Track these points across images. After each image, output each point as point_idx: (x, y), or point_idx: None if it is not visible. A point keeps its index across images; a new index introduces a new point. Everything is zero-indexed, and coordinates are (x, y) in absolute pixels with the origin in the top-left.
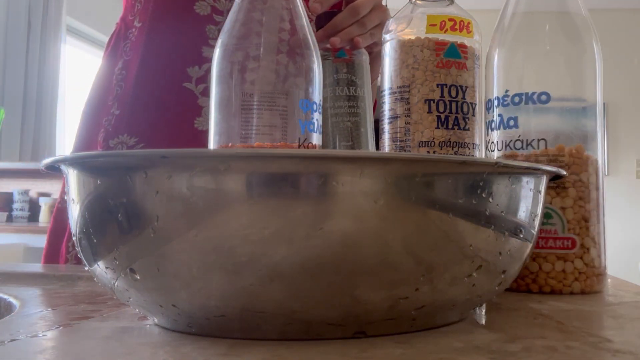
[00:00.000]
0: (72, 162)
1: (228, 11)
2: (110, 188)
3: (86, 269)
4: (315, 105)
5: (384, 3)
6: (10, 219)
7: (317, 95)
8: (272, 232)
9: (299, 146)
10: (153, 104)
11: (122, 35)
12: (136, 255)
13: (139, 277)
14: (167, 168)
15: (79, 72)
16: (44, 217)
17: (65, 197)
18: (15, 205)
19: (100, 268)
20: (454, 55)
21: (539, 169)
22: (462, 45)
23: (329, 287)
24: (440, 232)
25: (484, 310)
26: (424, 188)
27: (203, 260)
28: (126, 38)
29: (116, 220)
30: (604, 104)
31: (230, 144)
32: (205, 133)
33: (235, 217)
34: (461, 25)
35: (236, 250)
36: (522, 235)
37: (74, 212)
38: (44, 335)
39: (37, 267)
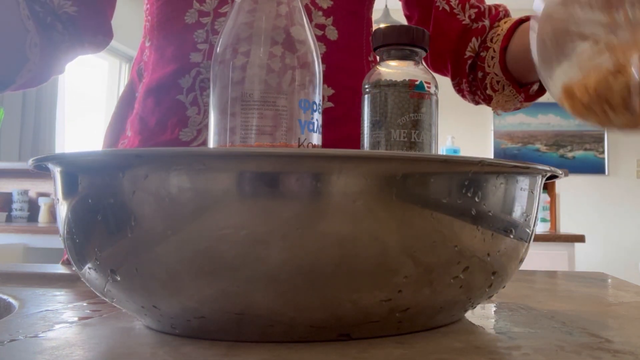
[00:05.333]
0: (58, 161)
1: (214, 10)
2: (90, 188)
3: (73, 269)
4: (315, 105)
5: (383, 3)
6: (9, 219)
7: (317, 95)
8: (249, 233)
9: (299, 146)
10: (152, 123)
11: (138, 59)
12: (115, 256)
13: (119, 278)
14: (143, 168)
15: (78, 72)
16: (43, 217)
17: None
18: (15, 206)
19: (84, 269)
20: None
21: (527, 168)
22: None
23: (310, 288)
24: (423, 233)
25: (483, 311)
26: (405, 187)
27: (180, 261)
28: (141, 61)
29: (96, 220)
30: None
31: (229, 144)
32: (189, 144)
33: (211, 217)
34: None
35: (213, 251)
36: (512, 236)
37: (61, 212)
38: (43, 335)
39: (37, 267)
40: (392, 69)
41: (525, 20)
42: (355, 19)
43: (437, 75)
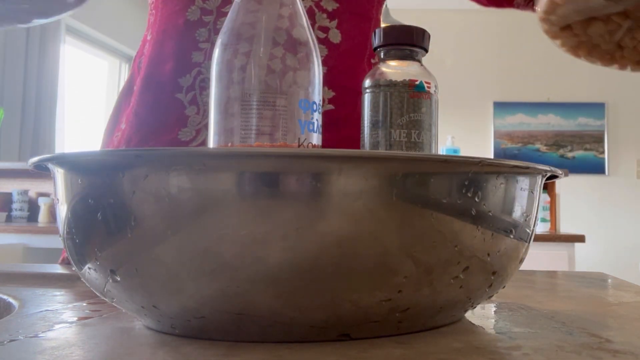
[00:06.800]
0: (57, 161)
1: (217, 9)
2: (90, 188)
3: (73, 269)
4: (315, 105)
5: (384, 4)
6: (9, 219)
7: (317, 95)
8: (249, 233)
9: (299, 146)
10: (149, 119)
11: (140, 52)
12: (115, 257)
13: (119, 278)
14: (143, 168)
15: (78, 72)
16: (43, 217)
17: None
18: (15, 206)
19: (84, 269)
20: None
21: (527, 168)
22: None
23: (310, 288)
24: (423, 233)
25: (483, 311)
26: (405, 187)
27: (180, 261)
28: (142, 54)
29: (96, 220)
30: (604, 104)
31: (229, 144)
32: (188, 144)
33: (211, 217)
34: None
35: (213, 251)
36: (512, 236)
37: (61, 212)
38: (43, 335)
39: (37, 267)
40: (392, 69)
41: None
42: (360, 21)
43: (437, 75)
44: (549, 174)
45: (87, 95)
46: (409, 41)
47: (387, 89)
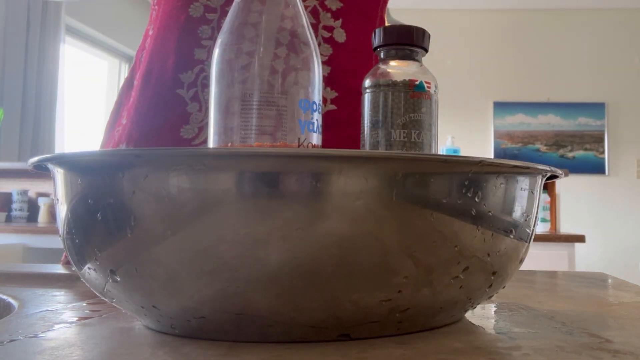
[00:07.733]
0: (57, 161)
1: (221, 7)
2: (90, 188)
3: (73, 269)
4: (315, 105)
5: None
6: (9, 219)
7: (317, 95)
8: (249, 233)
9: (299, 146)
10: (150, 115)
11: (141, 46)
12: (115, 257)
13: (119, 279)
14: (143, 168)
15: (78, 71)
16: (43, 218)
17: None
18: (14, 206)
19: (84, 269)
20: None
21: (527, 168)
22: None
23: (310, 288)
24: (423, 233)
25: (483, 311)
26: (405, 187)
27: (180, 261)
28: (144, 48)
29: (95, 220)
30: (604, 104)
31: (229, 144)
32: (190, 142)
33: (211, 218)
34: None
35: (212, 251)
36: (512, 236)
37: (61, 212)
38: (42, 335)
39: (37, 267)
40: (392, 69)
41: None
42: (366, 20)
43: (437, 75)
44: (549, 174)
45: (87, 95)
46: (409, 41)
47: (387, 89)
